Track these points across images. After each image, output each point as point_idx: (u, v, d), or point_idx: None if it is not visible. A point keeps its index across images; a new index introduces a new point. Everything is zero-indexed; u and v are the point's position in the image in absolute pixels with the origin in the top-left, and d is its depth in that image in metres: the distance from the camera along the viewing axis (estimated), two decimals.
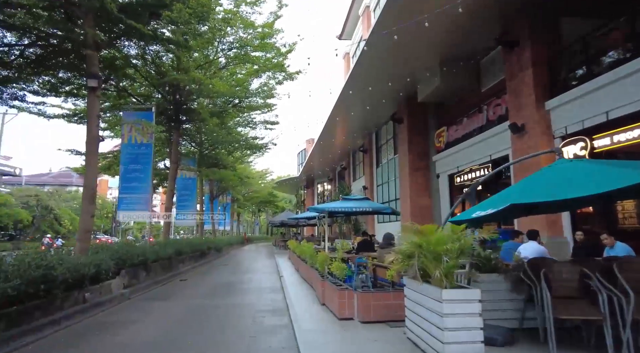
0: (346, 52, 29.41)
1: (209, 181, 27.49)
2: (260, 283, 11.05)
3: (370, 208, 9.71)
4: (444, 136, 14.65)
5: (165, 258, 11.93)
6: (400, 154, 16.74)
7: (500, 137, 11.12)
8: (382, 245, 7.44)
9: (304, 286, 9.83)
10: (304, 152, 43.66)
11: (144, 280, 9.85)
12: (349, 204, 10.06)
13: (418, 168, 15.86)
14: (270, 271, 14.23)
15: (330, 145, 24.71)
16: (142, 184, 12.55)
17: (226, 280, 11.78)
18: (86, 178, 8.25)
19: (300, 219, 22.99)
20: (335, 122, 20.02)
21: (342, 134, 22.24)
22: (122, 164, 12.65)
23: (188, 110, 15.29)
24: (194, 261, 16.29)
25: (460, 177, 13.57)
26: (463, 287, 3.95)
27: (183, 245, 14.54)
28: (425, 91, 14.21)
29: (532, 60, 9.29)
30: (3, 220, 31.33)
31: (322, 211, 10.49)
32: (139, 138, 12.75)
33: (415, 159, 15.89)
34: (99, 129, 8.48)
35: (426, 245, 4.04)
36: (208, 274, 13.71)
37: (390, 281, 6.09)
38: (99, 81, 8.23)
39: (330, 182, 35.70)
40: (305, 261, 10.79)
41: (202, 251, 18.03)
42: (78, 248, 7.82)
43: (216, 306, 7.60)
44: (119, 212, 12.45)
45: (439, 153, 15.00)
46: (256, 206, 54.40)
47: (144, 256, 9.86)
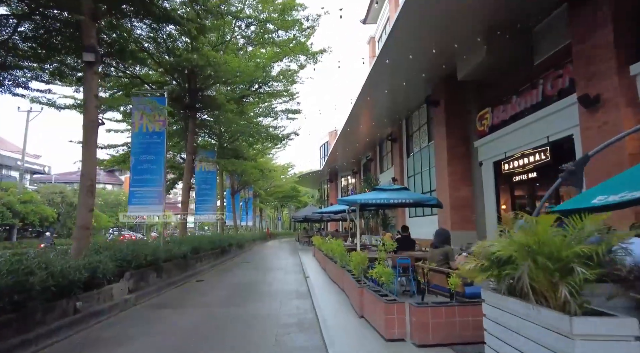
0: (371, 37, 27.76)
1: (229, 175, 26.58)
2: (284, 285, 9.80)
3: (410, 200, 8.28)
4: (488, 118, 12.96)
5: (180, 257, 10.86)
6: (437, 140, 15.12)
7: (562, 114, 9.42)
8: (435, 244, 6.01)
9: (334, 289, 8.51)
10: (327, 145, 42.30)
11: (154, 283, 8.76)
12: (383, 196, 8.64)
13: (457, 155, 14.22)
14: (295, 270, 13.00)
15: (356, 135, 23.23)
16: (154, 177, 11.51)
17: (246, 281, 10.61)
18: (84, 165, 7.18)
19: (325, 214, 21.66)
20: (362, 109, 18.53)
21: (368, 122, 20.72)
22: (133, 155, 11.63)
23: (204, 97, 14.20)
24: (214, 259, 15.26)
25: (508, 164, 11.88)
26: (606, 314, 2.50)
27: (201, 242, 13.49)
28: (466, 67, 12.54)
29: (613, 15, 7.56)
30: (29, 217, 31.44)
31: (352, 204, 9.12)
32: (151, 126, 11.70)
33: (454, 146, 14.25)
34: (97, 112, 7.37)
35: (538, 247, 2.61)
36: (227, 273, 12.60)
37: (452, 291, 4.68)
38: (96, 55, 7.11)
39: (354, 175, 34.22)
40: (334, 261, 9.47)
41: (223, 248, 17.00)
42: (74, 248, 6.77)
43: (232, 317, 6.37)
44: (130, 207, 11.46)
45: (482, 137, 13.31)
46: (278, 202, 53.52)
47: (154, 256, 8.77)
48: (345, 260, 8.45)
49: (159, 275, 9.22)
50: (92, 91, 7.17)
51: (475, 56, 11.78)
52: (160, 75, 14.13)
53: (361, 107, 18.20)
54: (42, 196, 34.07)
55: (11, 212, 29.93)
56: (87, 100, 7.17)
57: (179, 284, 10.17)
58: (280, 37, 14.24)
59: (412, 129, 19.15)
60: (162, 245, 10.81)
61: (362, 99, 17.31)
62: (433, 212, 16.26)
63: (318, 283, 9.59)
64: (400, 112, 19.16)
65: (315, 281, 9.94)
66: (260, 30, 13.18)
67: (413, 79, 14.84)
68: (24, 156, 32.50)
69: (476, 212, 13.82)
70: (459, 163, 14.19)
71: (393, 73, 14.28)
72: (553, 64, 10.05)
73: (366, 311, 5.59)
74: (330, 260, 10.56)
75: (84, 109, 7.18)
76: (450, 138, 14.29)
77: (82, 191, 7.09)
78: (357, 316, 5.84)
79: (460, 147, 14.24)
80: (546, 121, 10.08)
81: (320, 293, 8.12)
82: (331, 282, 9.57)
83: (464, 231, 13.53)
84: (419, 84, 15.39)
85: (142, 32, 11.78)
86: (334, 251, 9.74)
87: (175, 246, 10.86)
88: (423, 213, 17.50)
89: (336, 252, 8.79)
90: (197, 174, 18.91)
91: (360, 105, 17.92)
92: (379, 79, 15.06)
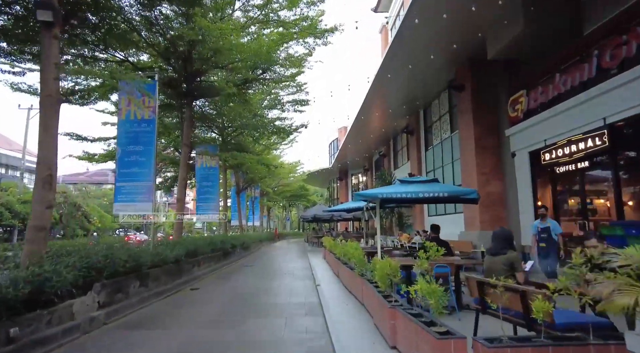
0: (383, 25, 26.18)
1: (234, 173, 25.22)
2: (291, 295, 8.31)
3: (444, 193, 6.73)
4: (523, 102, 11.32)
5: (172, 262, 9.44)
6: (462, 130, 13.50)
7: (625, 90, 7.79)
8: (493, 250, 4.47)
9: (351, 302, 7.00)
10: (337, 142, 40.79)
11: (136, 293, 7.34)
12: (411, 189, 7.11)
13: (486, 146, 12.61)
14: (303, 276, 11.51)
15: (368, 127, 21.68)
16: (143, 170, 10.12)
17: (247, 290, 9.15)
18: (40, 151, 5.76)
19: (337, 212, 20.14)
20: (376, 99, 17.01)
21: (382, 114, 19.16)
22: (119, 145, 10.26)
23: (202, 84, 12.81)
24: (215, 262, 13.85)
25: (549, 153, 10.23)
26: None
27: (199, 244, 12.07)
28: (498, 44, 10.96)
29: None
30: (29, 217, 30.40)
31: (372, 199, 7.59)
32: (139, 113, 10.32)
33: (483, 135, 12.63)
34: (58, 84, 5.97)
35: None
36: (227, 279, 11.16)
37: (538, 321, 3.14)
38: (55, 15, 5.69)
39: (365, 173, 32.64)
40: (350, 267, 7.96)
41: (225, 250, 15.59)
42: (25, 254, 5.36)
43: (223, 344, 4.91)
44: (116, 205, 10.08)
45: (515, 124, 11.68)
46: (287, 201, 52.12)
47: (136, 261, 7.35)
48: (364, 267, 6.94)
49: (144, 283, 7.80)
50: (51, 59, 5.76)
51: (510, 29, 10.20)
52: (154, 60, 12.77)
53: (375, 97, 16.68)
54: None
55: (11, 212, 29.05)
56: (44, 69, 5.77)
57: (170, 293, 8.75)
58: (286, 16, 12.80)
59: (431, 119, 17.53)
60: (152, 248, 9.43)
61: (376, 88, 15.79)
62: (457, 210, 14.67)
63: (331, 292, 8.09)
64: (418, 101, 17.55)
65: (328, 290, 8.43)
66: (264, 9, 11.75)
67: (434, 62, 13.27)
68: (24, 155, 31.52)
69: (509, 209, 12.19)
70: (489, 155, 12.59)
71: (411, 55, 12.73)
72: (611, 30, 8.40)
73: (401, 341, 4.07)
74: (344, 265, 9.06)
75: (40, 81, 5.78)
76: (478, 126, 12.68)
77: (37, 184, 5.68)
78: (388, 346, 4.33)
79: (489, 136, 12.64)
80: (602, 99, 8.44)
81: (334, 307, 6.62)
82: (347, 292, 8.06)
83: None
84: (441, 68, 13.82)
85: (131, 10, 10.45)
86: (349, 255, 8.24)
87: (166, 250, 9.45)
88: (445, 210, 15.89)
89: (353, 257, 7.28)
90: (197, 171, 17.56)
91: (374, 94, 16.39)
92: (395, 64, 13.53)
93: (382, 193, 7.24)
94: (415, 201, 8.65)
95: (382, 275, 4.81)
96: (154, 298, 7.93)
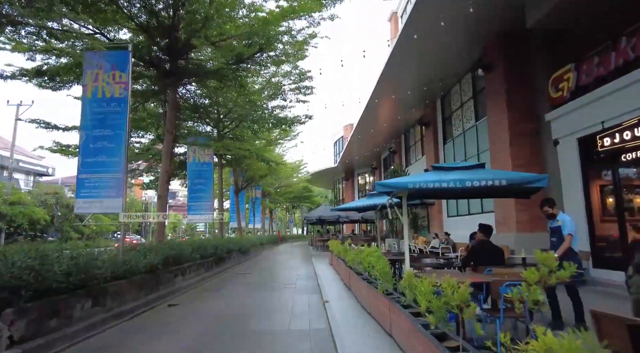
0: (393, 12, 24.35)
1: (232, 171, 23.39)
2: (292, 317, 6.42)
3: (503, 181, 4.82)
4: (570, 78, 9.41)
5: (144, 272, 7.59)
6: (492, 116, 11.60)
7: None
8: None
9: (371, 327, 5.12)
10: (342, 140, 38.96)
11: (83, 317, 5.48)
12: (452, 176, 5.22)
13: (522, 133, 10.70)
14: (308, 288, 9.62)
15: (377, 122, 19.81)
16: (112, 159, 8.29)
17: (236, 309, 7.27)
18: None
19: (347, 211, 18.22)
20: (386, 89, 15.18)
21: (393, 105, 17.29)
22: (83, 129, 8.43)
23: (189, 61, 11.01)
24: (205, 270, 12.00)
25: (611, 138, 8.29)
26: None
27: (184, 249, 10.22)
28: (539, 12, 9.12)
29: None
30: (18, 219, 28.79)
31: (398, 191, 5.70)
32: (109, 90, 8.50)
33: (518, 121, 10.74)
34: None
35: None
36: (216, 293, 9.29)
37: None
38: None
39: (373, 172, 30.75)
40: (368, 281, 6.09)
41: (219, 255, 13.73)
42: None
43: None
44: (78, 201, 8.24)
45: (560, 106, 9.78)
46: (290, 203, 50.23)
47: (86, 273, 5.51)
48: (388, 282, 5.06)
49: (99, 302, 5.95)
50: None
51: None
52: (135, 34, 11.00)
53: (385, 86, 14.85)
54: (34, 197, 31.38)
55: None
56: None
57: (139, 312, 6.89)
58: None
59: (451, 108, 15.62)
60: (122, 255, 7.60)
61: (387, 76, 13.98)
62: (485, 208, 12.75)
63: (344, 313, 6.19)
64: (435, 89, 15.66)
65: (339, 309, 6.54)
66: None
67: (455, 40, 11.50)
68: (13, 154, 29.85)
69: None
70: (525, 144, 10.69)
71: (429, 33, 10.93)
72: None
73: None
74: (358, 277, 7.17)
75: None
76: (512, 111, 10.79)
77: None
78: None
79: (525, 122, 10.74)
80: None
81: (351, 339, 4.73)
82: (363, 313, 6.16)
83: (534, 233, 10.05)
84: (463, 47, 12.02)
85: None
86: (365, 263, 6.36)
87: (138, 257, 7.60)
88: (468, 210, 13.96)
89: (374, 268, 5.40)
90: (189, 167, 15.76)
91: (384, 83, 14.58)
92: (409, 47, 11.84)
93: (412, 183, 5.34)
94: (454, 195, 6.72)
95: (439, 306, 2.92)
96: (112, 320, 6.07)
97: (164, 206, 10.37)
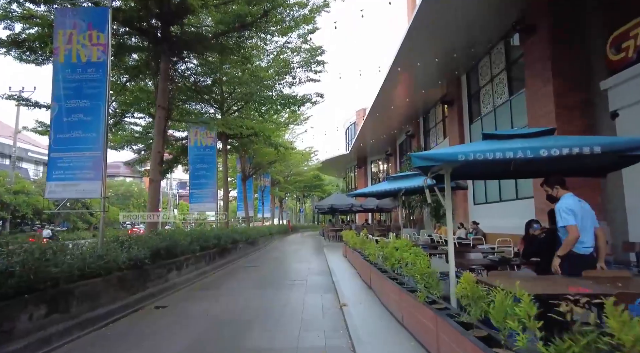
0: None
1: (239, 158, 22.14)
2: (302, 329, 5.10)
3: (597, 148, 3.40)
4: (639, 35, 7.79)
5: (128, 267, 6.36)
6: (533, 86, 10.01)
7: None
8: None
9: (408, 346, 3.78)
10: (354, 126, 37.38)
11: (31, 330, 4.25)
12: (519, 144, 3.80)
13: (571, 105, 9.13)
14: (320, 285, 8.32)
15: (393, 103, 18.25)
16: (89, 134, 7.03)
17: (233, 315, 6.00)
18: None
19: (366, 197, 16.82)
20: (404, 66, 13.60)
21: (411, 84, 15.69)
22: (55, 99, 7.15)
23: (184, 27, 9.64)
24: (206, 263, 10.81)
25: None
26: None
27: (178, 241, 8.97)
28: None
29: None
30: (22, 209, 28.12)
31: (444, 163, 4.26)
32: (84, 53, 7.20)
33: (566, 91, 9.14)
34: None
35: None
36: (214, 291, 8.04)
37: None
38: None
39: (388, 159, 29.20)
40: (395, 279, 4.73)
41: (222, 247, 12.53)
42: None
43: None
44: (49, 184, 7.00)
45: (621, 70, 8.17)
46: (300, 192, 49.01)
47: (36, 274, 4.28)
48: (437, 290, 3.70)
49: (57, 308, 4.71)
50: None
51: None
52: None
53: (405, 60, 13.28)
54: (38, 186, 30.61)
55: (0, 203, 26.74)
56: None
57: (117, 316, 5.68)
58: None
59: (478, 83, 13.99)
60: (100, 247, 6.38)
61: (406, 51, 12.45)
62: (520, 194, 11.24)
63: (368, 324, 4.86)
64: (460, 62, 14.00)
65: (361, 316, 5.22)
66: None
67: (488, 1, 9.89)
68: (16, 142, 29.05)
69: (607, 194, 8.71)
70: (575, 117, 9.11)
71: None
72: None
73: None
74: (382, 275, 5.82)
75: None
76: (559, 78, 9.20)
77: None
78: None
79: (576, 92, 9.14)
80: None
81: None
82: (394, 324, 4.82)
83: None
84: (497, 8, 10.37)
85: None
86: (392, 259, 5.00)
87: (115, 251, 6.36)
88: (499, 196, 12.44)
89: (412, 268, 4.04)
90: (190, 151, 14.53)
91: (402, 59, 13.03)
92: (431, 15, 10.21)
93: (463, 153, 3.92)
94: (509, 173, 5.25)
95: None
96: (78, 330, 4.85)
97: (158, 190, 9.14)
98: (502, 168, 5.31)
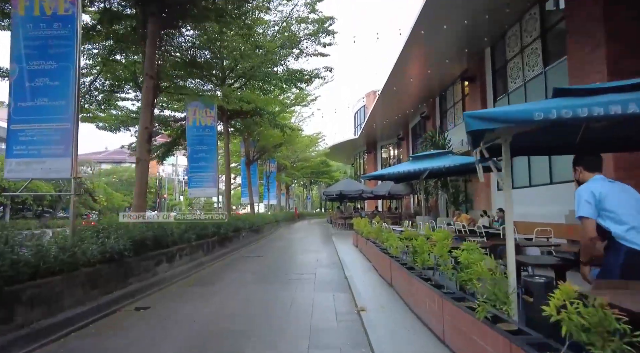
0: None
1: (243, 141, 20.97)
2: (310, 346, 4.00)
3: None
4: None
5: (101, 261, 5.29)
6: (579, 53, 8.61)
7: None
8: None
9: None
10: (364, 110, 35.96)
11: None
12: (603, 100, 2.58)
13: (628, 72, 7.73)
14: (331, 280, 7.22)
15: (407, 82, 16.87)
16: (56, 102, 5.88)
17: (227, 322, 4.91)
18: None
19: (383, 179, 15.63)
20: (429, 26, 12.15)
21: (432, 53, 14.25)
22: (15, 60, 5.98)
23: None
24: (203, 253, 9.78)
25: None
26: None
27: (171, 229, 7.90)
28: None
29: None
30: (22, 195, 27.30)
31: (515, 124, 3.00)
32: (49, 5, 6.01)
33: (622, 56, 7.78)
34: None
35: None
36: (208, 287, 6.96)
37: None
38: None
39: (400, 143, 27.84)
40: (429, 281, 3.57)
41: (223, 235, 11.49)
42: None
43: None
44: (8, 162, 5.90)
45: None
46: (307, 178, 47.88)
47: None
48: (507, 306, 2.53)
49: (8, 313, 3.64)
50: None
51: None
52: None
53: (428, 23, 11.85)
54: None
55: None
56: None
57: (86, 321, 4.63)
58: None
59: (505, 56, 12.55)
60: (72, 238, 5.32)
61: (423, 22, 11.05)
62: (555, 178, 9.97)
63: (397, 339, 3.73)
64: (485, 34, 12.56)
65: (387, 328, 4.08)
66: None
67: None
68: None
69: None
70: None
71: None
72: None
73: None
74: (408, 273, 4.68)
75: None
76: (614, 42, 7.82)
77: None
78: None
79: (633, 58, 7.76)
80: None
81: None
82: (433, 340, 3.68)
83: None
84: None
85: None
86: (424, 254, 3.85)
87: (87, 242, 5.28)
88: (529, 181, 11.18)
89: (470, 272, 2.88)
90: (189, 130, 13.37)
91: (427, 19, 11.59)
92: None
93: (540, 111, 2.70)
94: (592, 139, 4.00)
95: None
96: (26, 343, 3.79)
97: (145, 172, 8.03)
98: (569, 138, 4.09)
